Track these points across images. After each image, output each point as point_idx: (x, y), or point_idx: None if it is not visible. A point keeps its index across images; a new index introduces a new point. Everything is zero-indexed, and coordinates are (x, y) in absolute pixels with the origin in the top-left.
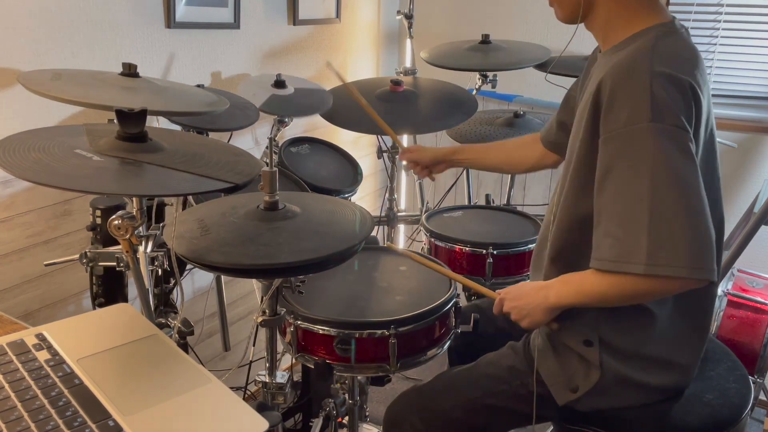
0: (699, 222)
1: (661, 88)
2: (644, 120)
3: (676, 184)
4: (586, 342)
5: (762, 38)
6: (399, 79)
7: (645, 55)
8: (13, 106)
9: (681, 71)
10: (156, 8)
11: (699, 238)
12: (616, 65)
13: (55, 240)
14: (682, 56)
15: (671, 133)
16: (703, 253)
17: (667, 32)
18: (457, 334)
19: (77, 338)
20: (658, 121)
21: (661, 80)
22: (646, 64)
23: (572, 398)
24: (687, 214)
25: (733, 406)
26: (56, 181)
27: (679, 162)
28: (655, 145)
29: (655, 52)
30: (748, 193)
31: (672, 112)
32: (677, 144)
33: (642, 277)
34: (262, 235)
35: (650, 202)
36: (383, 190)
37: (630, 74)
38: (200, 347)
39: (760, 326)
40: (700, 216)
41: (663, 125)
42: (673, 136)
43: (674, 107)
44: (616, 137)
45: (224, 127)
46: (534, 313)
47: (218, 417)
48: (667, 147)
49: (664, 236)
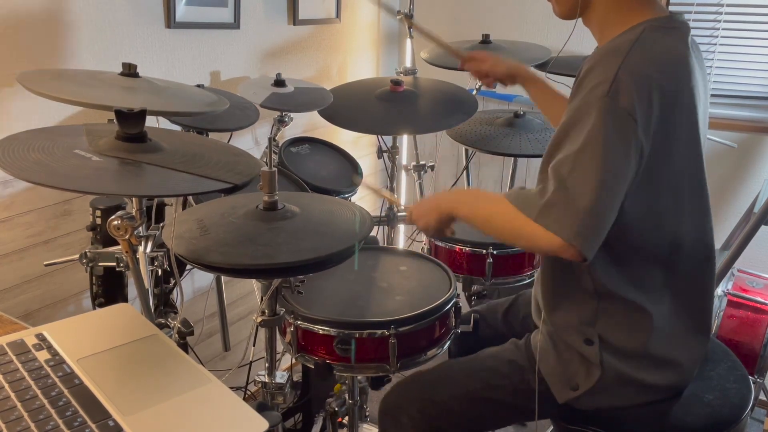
0: (602, 199)
1: (628, 74)
2: (600, 94)
3: (599, 158)
4: (587, 341)
5: (762, 38)
6: (399, 79)
7: (627, 44)
8: (13, 106)
9: (655, 69)
10: (156, 8)
11: (596, 212)
12: (596, 51)
13: (55, 240)
14: (662, 54)
15: (618, 115)
16: (592, 227)
17: (656, 27)
18: (456, 334)
19: (77, 338)
20: (612, 98)
21: (630, 67)
22: (624, 51)
23: (572, 396)
24: (596, 187)
25: (733, 406)
26: (56, 182)
27: (611, 142)
28: (598, 117)
29: (637, 44)
30: (748, 193)
31: (627, 98)
32: (618, 127)
33: (530, 222)
34: (261, 235)
35: (572, 164)
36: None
37: (604, 58)
38: (200, 347)
39: (760, 326)
40: (606, 195)
41: (614, 104)
42: (618, 118)
43: (632, 95)
44: (574, 106)
45: (224, 127)
46: (430, 214)
47: (218, 417)
48: (609, 125)
49: (567, 196)
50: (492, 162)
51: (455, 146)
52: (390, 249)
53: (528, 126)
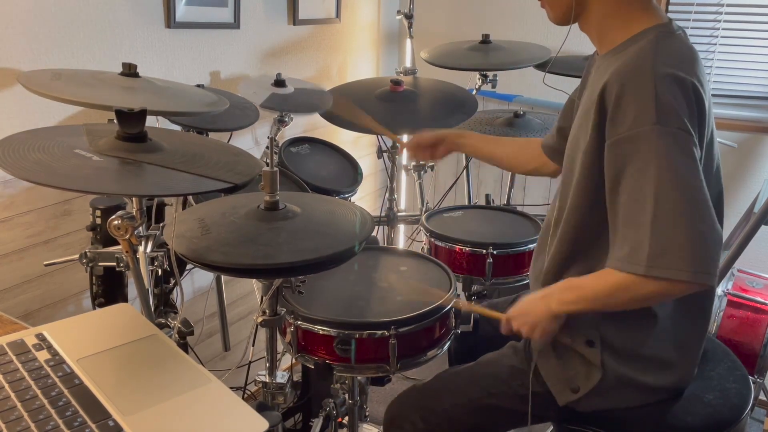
0: (702, 225)
1: (665, 90)
2: (649, 123)
3: (680, 186)
4: (588, 342)
5: (762, 38)
6: (399, 79)
7: (648, 56)
8: (13, 106)
9: (684, 71)
10: (156, 8)
11: (701, 241)
12: (619, 68)
13: (55, 240)
14: (683, 57)
15: (675, 135)
16: (704, 257)
17: (667, 33)
18: (457, 334)
19: (77, 338)
20: (663, 123)
21: (665, 82)
22: (649, 65)
23: (573, 398)
24: (690, 217)
25: (733, 406)
26: (56, 181)
27: (682, 165)
28: (660, 147)
29: (658, 53)
30: (748, 193)
31: (676, 115)
32: (681, 147)
33: (643, 278)
34: (262, 235)
35: (653, 205)
36: (383, 190)
37: (634, 75)
38: (200, 347)
39: (760, 326)
40: (703, 219)
41: (667, 128)
42: (677, 139)
43: (678, 110)
44: (623, 141)
45: (224, 127)
46: (542, 324)
47: (218, 417)
48: (671, 149)
49: (666, 238)
50: None
51: None
52: (390, 249)
53: (528, 126)
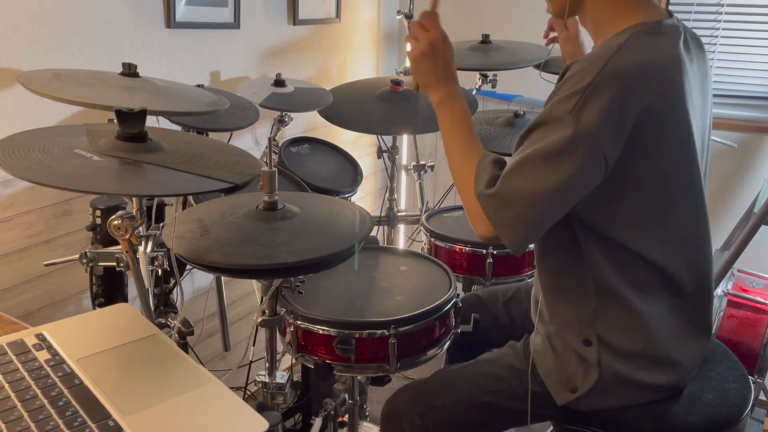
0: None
1: (600, 86)
2: (568, 109)
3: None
4: (585, 341)
5: (762, 38)
6: (399, 79)
7: (607, 53)
8: (13, 106)
9: (637, 75)
10: (156, 8)
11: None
12: (584, 57)
13: (55, 240)
14: (649, 60)
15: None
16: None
17: (645, 33)
18: (456, 334)
19: (77, 338)
20: (575, 116)
21: (607, 78)
22: (602, 62)
23: (571, 398)
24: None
25: (733, 406)
26: (56, 181)
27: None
28: (559, 132)
29: (620, 52)
30: (748, 193)
31: (591, 114)
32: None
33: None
34: (261, 235)
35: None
36: (383, 190)
37: (585, 65)
38: (200, 347)
39: (760, 326)
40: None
41: (576, 121)
42: (578, 135)
43: (598, 110)
44: (548, 107)
45: (224, 127)
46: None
47: (218, 417)
48: (564, 140)
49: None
50: None
51: None
52: (390, 249)
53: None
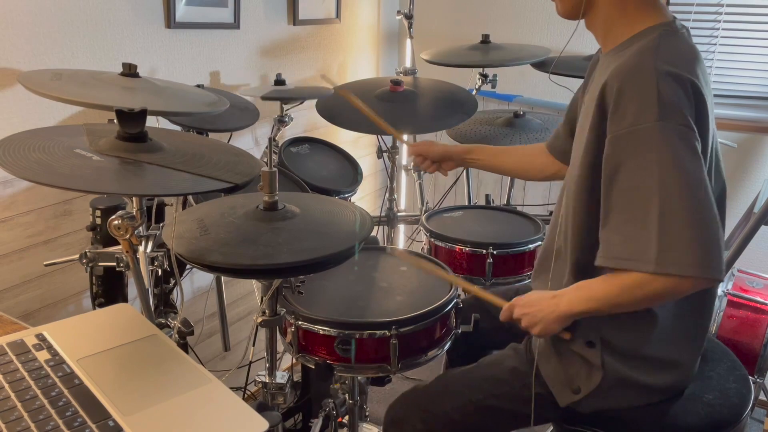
0: (707, 220)
1: (666, 86)
2: (651, 119)
3: (685, 182)
4: (589, 343)
5: (762, 38)
6: (399, 79)
7: (649, 54)
8: (13, 106)
9: (685, 70)
10: (156, 8)
11: (707, 236)
12: (621, 65)
13: (55, 240)
14: (684, 55)
15: (678, 131)
16: (712, 252)
17: (669, 32)
18: (457, 334)
19: (77, 338)
20: (665, 119)
21: (667, 79)
22: (650, 62)
23: (574, 399)
24: (695, 212)
25: (733, 406)
26: (56, 181)
27: (686, 160)
28: (663, 143)
29: (659, 51)
30: (748, 193)
31: (678, 111)
32: (684, 142)
33: (652, 275)
34: (261, 235)
35: (660, 201)
36: (383, 190)
37: (635, 73)
38: (200, 347)
39: (760, 326)
40: (708, 214)
41: (670, 123)
42: (680, 135)
43: (680, 106)
44: (624, 136)
45: (224, 127)
46: (546, 320)
47: (218, 417)
48: (675, 145)
49: (673, 235)
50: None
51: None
52: (390, 249)
53: (528, 126)
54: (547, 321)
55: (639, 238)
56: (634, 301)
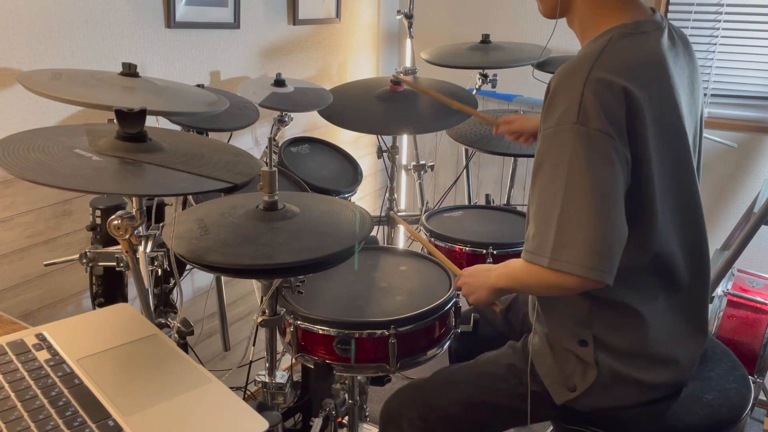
0: (604, 224)
1: (592, 93)
2: (570, 122)
3: (587, 186)
4: (581, 342)
5: (762, 38)
6: (399, 79)
7: (589, 59)
8: (13, 106)
9: (620, 76)
10: (156, 8)
11: (600, 240)
12: (564, 66)
13: (55, 240)
14: (628, 61)
15: (591, 136)
16: (602, 256)
17: (624, 34)
18: (456, 334)
19: (77, 338)
20: (582, 124)
21: (594, 86)
22: (585, 69)
23: (570, 397)
24: (592, 216)
25: (733, 406)
26: (56, 181)
27: (594, 166)
28: (575, 146)
29: (600, 57)
30: (748, 193)
31: (597, 117)
32: (596, 148)
33: (548, 270)
34: (261, 235)
35: (562, 201)
36: (383, 190)
37: (570, 76)
38: (200, 347)
39: (760, 326)
40: (606, 219)
41: (586, 128)
42: (593, 140)
43: (601, 113)
44: (547, 135)
45: (224, 127)
46: (479, 291)
47: (218, 417)
48: (585, 150)
49: (568, 234)
50: (492, 162)
51: (455, 146)
52: (390, 249)
53: None
54: (479, 291)
55: (543, 234)
56: (537, 289)
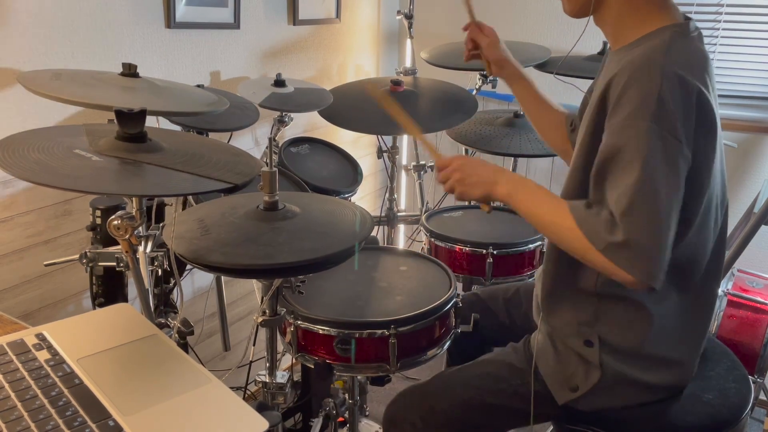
0: (665, 238)
1: (668, 91)
2: (647, 118)
3: (658, 195)
4: (587, 342)
5: (762, 38)
6: (399, 79)
7: (660, 53)
8: (13, 106)
9: (692, 75)
10: (156, 8)
11: (659, 248)
12: (630, 61)
13: (55, 240)
14: (694, 60)
15: (665, 140)
16: (658, 263)
17: (681, 33)
18: (456, 334)
19: (77, 338)
20: (658, 123)
21: (671, 82)
22: (659, 62)
23: (572, 398)
24: (655, 223)
25: (733, 406)
26: (56, 182)
27: (664, 174)
28: (648, 147)
29: (670, 52)
30: (748, 193)
31: (672, 119)
32: (666, 154)
33: (594, 250)
34: (262, 235)
35: (629, 199)
36: (383, 190)
37: (643, 69)
38: (200, 347)
39: (760, 326)
40: (666, 232)
41: (660, 130)
42: (666, 144)
43: (675, 113)
44: (620, 128)
45: (224, 127)
46: (474, 187)
47: (218, 417)
48: (657, 154)
49: (631, 233)
50: (492, 162)
51: (455, 146)
52: (390, 249)
53: (528, 126)
54: (475, 188)
55: (607, 221)
56: (559, 243)
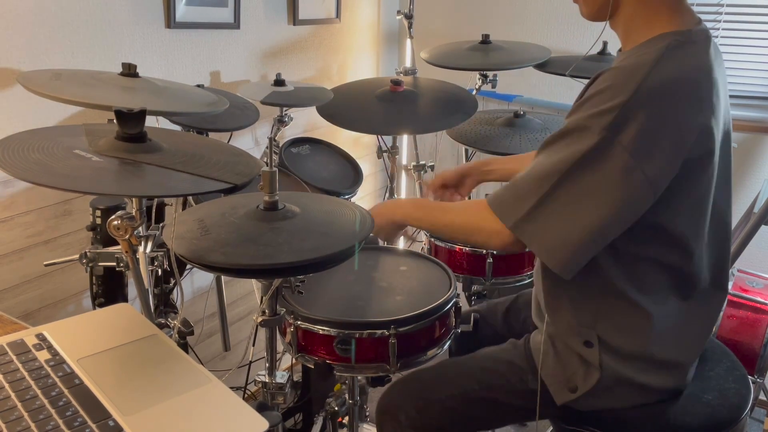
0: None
1: (635, 109)
2: (602, 125)
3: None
4: (587, 343)
5: (762, 38)
6: (399, 79)
7: (645, 68)
8: (13, 106)
9: (671, 94)
10: (156, 8)
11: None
12: (618, 69)
13: (55, 240)
14: (682, 75)
15: (613, 153)
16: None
17: (680, 43)
18: (457, 334)
19: (77, 338)
20: (613, 132)
21: (641, 101)
22: (639, 78)
23: (571, 398)
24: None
25: (733, 406)
26: (56, 182)
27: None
28: (591, 149)
29: (655, 69)
30: (748, 193)
31: (629, 134)
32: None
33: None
34: (262, 235)
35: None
36: (383, 190)
37: (622, 80)
38: (200, 347)
39: (760, 326)
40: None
41: (610, 140)
42: (609, 154)
43: (637, 129)
44: (575, 124)
45: (224, 127)
46: (381, 229)
47: (218, 417)
48: (596, 157)
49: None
50: None
51: (455, 146)
52: (390, 249)
53: (528, 126)
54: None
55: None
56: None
